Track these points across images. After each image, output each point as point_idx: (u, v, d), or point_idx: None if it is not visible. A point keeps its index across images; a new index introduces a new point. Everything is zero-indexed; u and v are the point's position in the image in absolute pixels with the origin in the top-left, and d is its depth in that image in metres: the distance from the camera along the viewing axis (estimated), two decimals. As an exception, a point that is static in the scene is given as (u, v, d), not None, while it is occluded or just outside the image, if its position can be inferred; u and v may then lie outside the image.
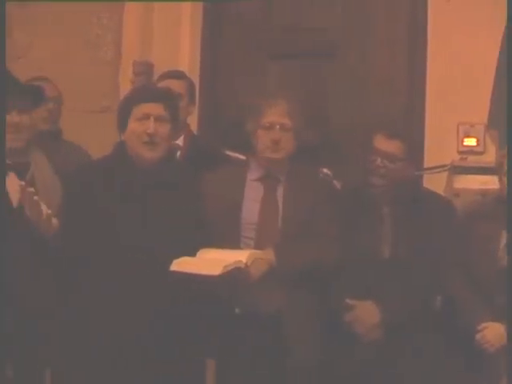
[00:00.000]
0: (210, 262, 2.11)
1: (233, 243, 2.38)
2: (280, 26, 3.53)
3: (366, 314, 2.46)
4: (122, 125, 2.30)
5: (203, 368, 2.42)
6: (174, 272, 2.09)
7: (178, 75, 3.03)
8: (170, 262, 2.13)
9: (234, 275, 2.16)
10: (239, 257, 2.16)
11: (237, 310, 2.37)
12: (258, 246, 2.40)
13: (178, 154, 2.87)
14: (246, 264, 2.17)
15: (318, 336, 2.45)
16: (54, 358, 2.31)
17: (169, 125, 2.28)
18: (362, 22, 3.43)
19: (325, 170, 2.83)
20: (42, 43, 3.91)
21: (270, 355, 2.41)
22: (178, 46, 3.53)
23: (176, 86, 2.87)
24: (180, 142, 2.92)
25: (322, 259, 2.44)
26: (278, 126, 2.48)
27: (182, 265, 2.09)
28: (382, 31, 3.42)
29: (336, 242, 2.47)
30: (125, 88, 3.51)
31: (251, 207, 2.46)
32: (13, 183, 2.30)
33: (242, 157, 2.78)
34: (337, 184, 2.81)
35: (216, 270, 2.06)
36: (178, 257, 2.15)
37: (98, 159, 2.52)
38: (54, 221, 2.18)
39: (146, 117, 2.23)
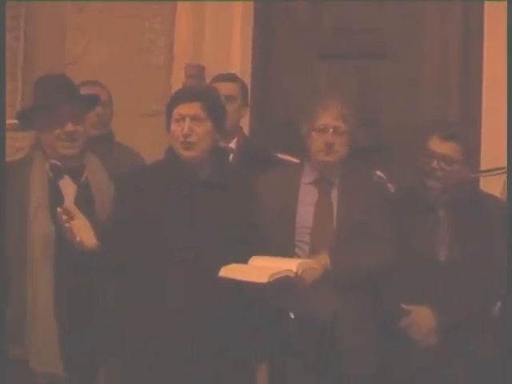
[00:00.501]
0: (258, 269, 2.10)
1: (287, 247, 2.37)
2: (331, 26, 3.51)
3: (422, 319, 2.42)
4: (168, 128, 2.33)
5: (254, 373, 2.41)
6: (221, 278, 2.09)
7: (231, 78, 3.04)
8: (221, 266, 2.13)
9: (284, 284, 2.14)
10: (289, 265, 2.14)
11: (291, 315, 2.36)
12: (312, 250, 2.39)
13: (231, 157, 2.88)
14: (296, 273, 2.15)
15: (372, 341, 2.43)
16: (106, 362, 2.34)
17: (208, 124, 2.27)
18: (415, 21, 3.38)
19: (378, 173, 2.81)
20: (95, 48, 3.99)
21: (324, 360, 2.40)
22: (229, 48, 3.54)
23: (229, 88, 2.88)
24: (233, 144, 2.93)
25: (376, 263, 2.42)
26: (331, 129, 2.46)
27: (230, 271, 2.09)
28: (435, 30, 3.36)
29: (391, 245, 2.45)
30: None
31: (306, 211, 2.45)
32: (67, 186, 2.35)
33: (294, 160, 2.77)
34: (390, 187, 2.78)
35: (263, 278, 2.05)
36: (230, 260, 2.15)
37: (150, 163, 2.54)
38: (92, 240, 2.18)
39: (182, 118, 2.25)
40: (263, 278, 2.05)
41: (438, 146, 2.54)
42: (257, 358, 2.41)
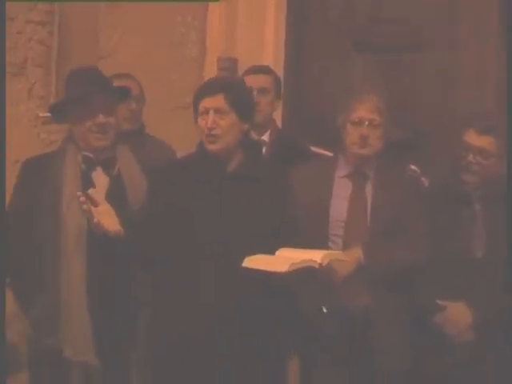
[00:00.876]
0: (281, 259, 2.09)
1: (321, 241, 2.35)
2: (365, 16, 3.47)
3: (457, 315, 2.39)
4: (195, 122, 2.33)
5: (286, 368, 2.40)
6: (245, 268, 2.08)
7: (264, 70, 3.01)
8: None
9: (307, 274, 2.12)
10: (314, 256, 2.12)
11: (324, 309, 2.34)
12: (346, 244, 2.37)
13: (264, 149, 2.86)
14: (320, 264, 2.12)
15: (406, 336, 2.41)
16: (137, 352, 2.35)
17: (232, 116, 2.25)
18: (450, 10, 3.32)
19: (412, 167, 2.77)
20: (127, 43, 4.01)
21: (356, 355, 2.38)
22: (262, 40, 3.51)
23: (261, 80, 2.85)
24: (266, 137, 2.91)
25: (410, 257, 2.39)
26: (366, 122, 2.44)
27: (252, 262, 2.08)
28: (471, 19, 3.29)
29: (425, 240, 2.42)
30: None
31: (340, 204, 2.43)
32: (100, 178, 2.36)
33: (327, 153, 2.75)
34: (425, 181, 2.74)
35: (283, 267, 2.03)
36: (261, 253, 2.13)
37: (182, 156, 2.53)
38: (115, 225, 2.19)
39: (206, 111, 2.25)
40: (283, 268, 2.03)
41: (474, 139, 2.49)
42: (287, 351, 2.40)
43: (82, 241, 2.26)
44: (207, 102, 2.25)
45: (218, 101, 2.23)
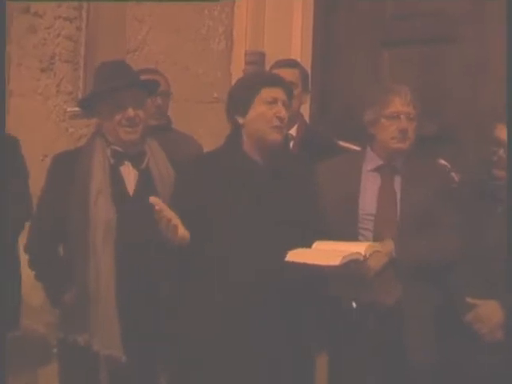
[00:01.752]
0: (328, 252, 2.07)
1: (350, 235, 2.33)
2: (393, 11, 3.43)
3: (489, 313, 2.35)
4: (243, 108, 2.24)
5: (314, 363, 2.39)
6: (289, 262, 2.06)
7: (292, 64, 2.99)
8: (285, 254, 2.10)
9: (352, 267, 2.11)
10: (357, 248, 2.11)
11: (354, 305, 2.33)
12: (376, 238, 2.35)
13: (292, 144, 2.85)
14: (364, 256, 2.12)
15: (437, 331, 2.38)
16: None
17: (288, 110, 2.26)
18: (479, 3, 3.26)
19: (442, 162, 2.73)
20: (155, 37, 4.02)
21: (386, 349, 2.36)
22: (289, 34, 3.49)
23: (290, 74, 2.83)
24: (293, 131, 2.89)
25: (442, 252, 2.36)
26: (403, 116, 2.41)
27: (298, 255, 2.05)
28: (500, 12, 3.23)
29: (456, 235, 2.38)
30: (236, 78, 3.53)
31: (369, 198, 2.41)
32: (128, 172, 2.36)
33: (355, 147, 2.72)
34: (455, 176, 2.70)
35: (335, 261, 2.02)
36: (291, 247, 2.12)
37: (211, 151, 2.51)
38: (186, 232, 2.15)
39: (275, 101, 2.21)
40: (335, 261, 2.02)
41: (505, 134, 2.45)
42: (317, 346, 2.38)
43: (111, 234, 2.26)
44: (275, 93, 2.22)
45: (283, 94, 2.22)
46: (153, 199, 2.07)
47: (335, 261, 2.01)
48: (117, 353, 2.24)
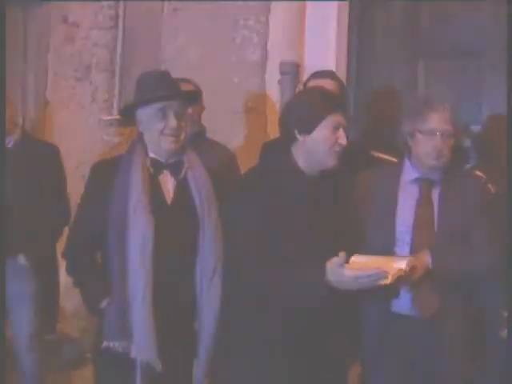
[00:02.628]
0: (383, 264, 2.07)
1: (387, 247, 2.34)
2: (428, 23, 3.43)
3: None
4: (307, 128, 2.22)
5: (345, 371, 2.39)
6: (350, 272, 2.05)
7: (330, 75, 2.99)
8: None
9: (396, 283, 2.11)
10: (399, 265, 2.11)
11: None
12: (412, 250, 2.34)
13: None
14: (405, 271, 2.12)
15: (472, 345, 2.36)
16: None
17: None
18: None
19: (478, 173, 2.71)
20: (190, 46, 4.06)
21: (421, 362, 2.35)
22: (324, 45, 3.51)
23: (328, 85, 2.83)
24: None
25: (478, 265, 2.35)
26: (440, 133, 2.38)
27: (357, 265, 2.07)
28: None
29: (493, 248, 2.36)
30: (271, 88, 3.57)
31: (406, 210, 2.40)
32: (167, 181, 2.38)
33: (391, 159, 2.72)
34: (491, 188, 2.68)
35: (385, 279, 2.03)
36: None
37: (263, 167, 2.44)
38: None
39: (339, 126, 2.22)
40: (386, 280, 2.04)
41: None
42: (350, 357, 2.38)
43: (149, 243, 2.28)
44: (340, 119, 2.23)
45: (343, 118, 2.24)
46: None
47: (385, 280, 2.04)
48: (153, 361, 2.26)
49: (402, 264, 2.10)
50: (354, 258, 2.10)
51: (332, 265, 2.06)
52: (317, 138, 2.21)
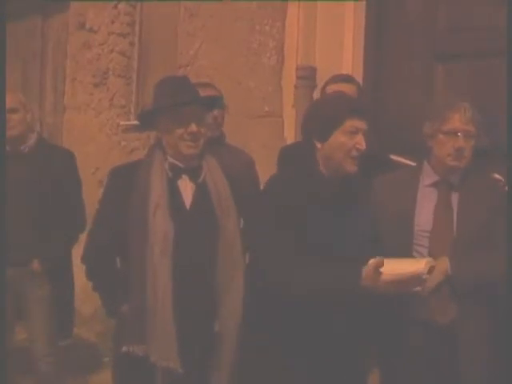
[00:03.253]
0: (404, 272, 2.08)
1: (405, 251, 2.31)
2: (446, 25, 3.40)
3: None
4: (324, 135, 2.22)
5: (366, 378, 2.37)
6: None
7: (348, 79, 2.97)
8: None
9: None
10: (419, 267, 2.09)
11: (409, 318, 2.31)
12: (431, 254, 2.30)
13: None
14: (425, 275, 2.11)
15: (490, 352, 2.33)
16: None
17: (368, 140, 2.24)
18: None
19: (497, 176, 2.68)
20: (206, 51, 4.08)
21: (439, 368, 2.33)
22: (340, 48, 3.50)
23: (347, 89, 2.81)
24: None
25: (497, 270, 2.30)
26: (461, 133, 2.37)
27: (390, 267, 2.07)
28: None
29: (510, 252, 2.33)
30: (287, 93, 3.57)
31: (425, 214, 2.37)
32: (185, 186, 2.39)
33: (409, 162, 2.70)
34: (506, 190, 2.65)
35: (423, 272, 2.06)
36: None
37: (287, 171, 2.48)
38: None
39: (357, 131, 2.20)
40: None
41: None
42: (369, 363, 2.37)
43: (168, 248, 2.27)
44: (358, 123, 2.20)
45: (364, 124, 2.21)
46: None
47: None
48: (173, 365, 2.26)
49: (420, 266, 2.08)
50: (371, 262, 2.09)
51: (369, 268, 2.06)
52: (333, 144, 2.21)
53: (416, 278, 2.05)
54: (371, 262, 2.05)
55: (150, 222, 2.28)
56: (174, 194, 2.34)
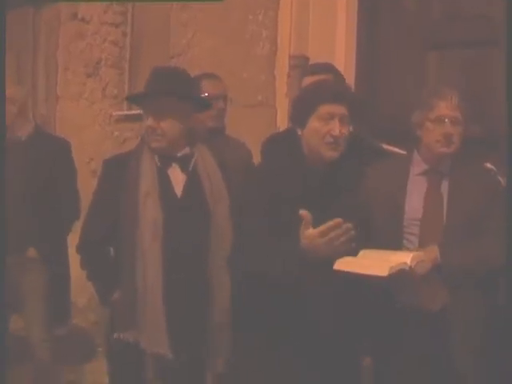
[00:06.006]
0: (376, 262, 2.06)
1: (395, 240, 2.33)
2: (439, 14, 3.41)
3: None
4: (301, 121, 2.22)
5: (359, 366, 2.39)
6: (337, 271, 2.05)
7: (322, 69, 2.83)
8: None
9: (399, 277, 2.10)
10: (403, 258, 2.10)
11: (398, 305, 2.32)
12: (421, 243, 2.33)
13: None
14: (410, 266, 2.11)
15: (483, 339, 2.35)
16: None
17: (349, 126, 2.20)
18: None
19: (488, 165, 2.70)
20: (199, 41, 4.07)
21: (431, 355, 2.35)
22: (333, 38, 3.51)
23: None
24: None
25: (488, 258, 2.32)
26: (448, 120, 2.38)
27: (346, 264, 2.04)
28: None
29: (503, 240, 2.34)
30: (280, 82, 3.57)
31: (415, 202, 2.38)
32: (176, 175, 2.40)
33: (401, 151, 2.71)
34: (501, 180, 2.67)
35: (383, 271, 2.01)
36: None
37: (273, 159, 2.46)
38: None
39: (331, 117, 2.17)
40: (383, 271, 2.01)
41: None
42: (363, 350, 2.39)
43: (158, 235, 2.30)
44: (333, 108, 2.17)
45: (342, 109, 2.17)
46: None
47: (383, 271, 2.01)
48: (163, 350, 2.28)
49: (406, 258, 2.08)
50: (363, 253, 2.10)
51: (301, 231, 2.02)
52: (309, 130, 2.20)
53: (343, 225, 2.00)
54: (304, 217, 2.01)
55: (140, 210, 2.30)
56: (164, 182, 2.36)
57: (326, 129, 2.17)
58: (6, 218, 2.89)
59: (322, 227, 2.01)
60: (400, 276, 2.09)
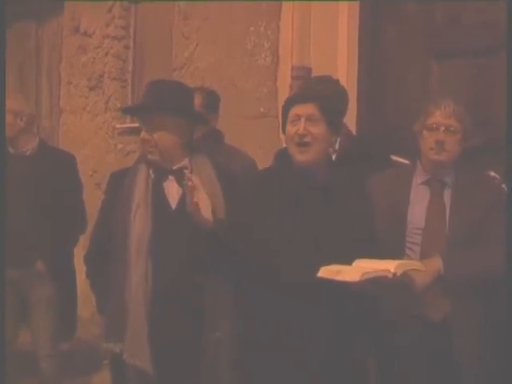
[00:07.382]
0: (353, 269, 2.06)
1: (397, 249, 2.32)
2: (441, 23, 3.40)
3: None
4: (283, 129, 2.27)
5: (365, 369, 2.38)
6: (320, 278, 2.06)
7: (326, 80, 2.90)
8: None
9: (381, 283, 2.08)
10: (387, 266, 2.08)
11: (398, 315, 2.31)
12: (423, 252, 2.32)
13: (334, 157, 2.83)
14: (394, 274, 2.07)
15: (486, 349, 2.33)
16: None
17: (323, 125, 2.19)
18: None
19: (492, 174, 2.69)
20: (201, 53, 4.08)
21: (434, 364, 2.34)
22: (335, 48, 3.50)
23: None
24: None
25: (491, 268, 2.29)
26: (442, 128, 2.38)
27: (326, 272, 2.06)
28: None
29: (507, 250, 2.33)
30: (283, 93, 3.57)
31: (417, 212, 2.38)
32: (171, 187, 2.40)
33: (404, 161, 2.71)
34: (505, 188, 2.66)
35: (354, 277, 2.01)
36: (343, 262, 2.11)
37: (265, 168, 2.52)
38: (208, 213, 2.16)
39: (298, 118, 2.19)
40: (355, 277, 2.01)
41: None
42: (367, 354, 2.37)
43: (142, 248, 2.31)
44: (299, 109, 2.19)
45: (309, 108, 2.19)
46: (188, 176, 2.10)
47: (355, 277, 2.01)
48: (143, 364, 2.27)
49: (390, 266, 2.06)
50: (356, 263, 2.09)
51: None
52: (285, 136, 2.23)
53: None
54: None
55: (131, 222, 2.31)
56: (158, 194, 2.36)
57: (294, 130, 2.19)
58: (12, 231, 2.90)
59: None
60: (383, 283, 2.08)
